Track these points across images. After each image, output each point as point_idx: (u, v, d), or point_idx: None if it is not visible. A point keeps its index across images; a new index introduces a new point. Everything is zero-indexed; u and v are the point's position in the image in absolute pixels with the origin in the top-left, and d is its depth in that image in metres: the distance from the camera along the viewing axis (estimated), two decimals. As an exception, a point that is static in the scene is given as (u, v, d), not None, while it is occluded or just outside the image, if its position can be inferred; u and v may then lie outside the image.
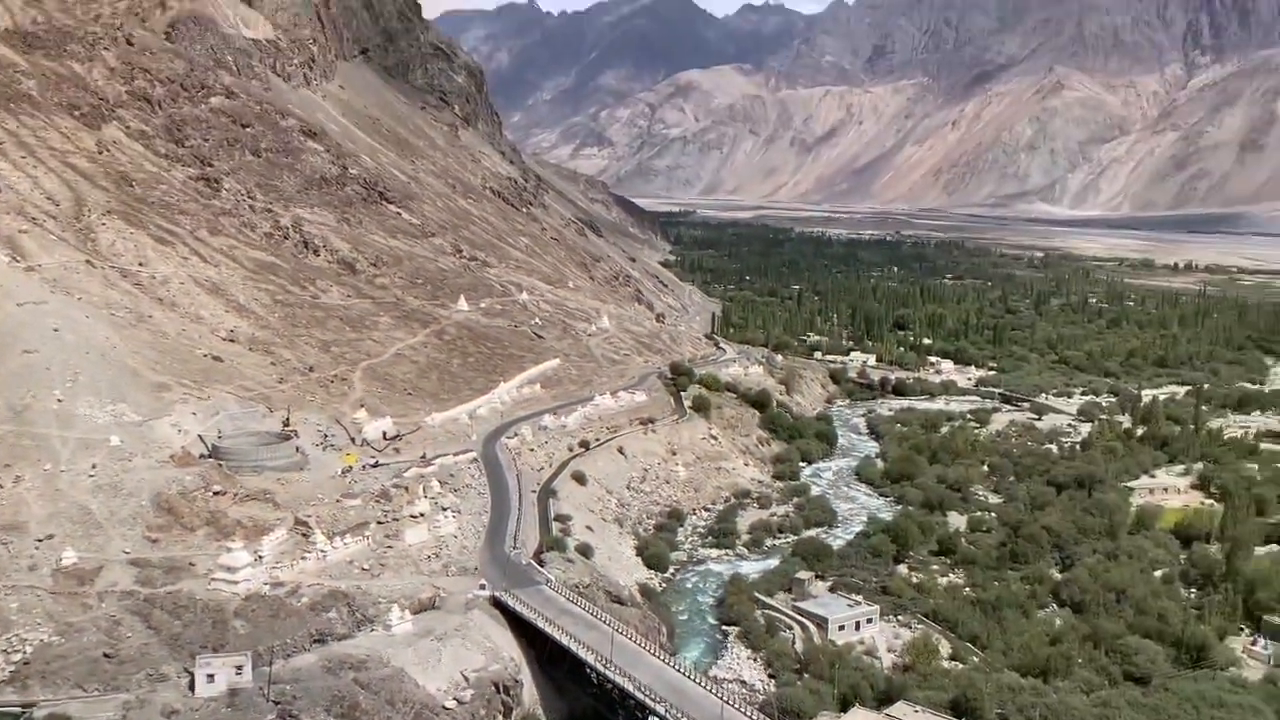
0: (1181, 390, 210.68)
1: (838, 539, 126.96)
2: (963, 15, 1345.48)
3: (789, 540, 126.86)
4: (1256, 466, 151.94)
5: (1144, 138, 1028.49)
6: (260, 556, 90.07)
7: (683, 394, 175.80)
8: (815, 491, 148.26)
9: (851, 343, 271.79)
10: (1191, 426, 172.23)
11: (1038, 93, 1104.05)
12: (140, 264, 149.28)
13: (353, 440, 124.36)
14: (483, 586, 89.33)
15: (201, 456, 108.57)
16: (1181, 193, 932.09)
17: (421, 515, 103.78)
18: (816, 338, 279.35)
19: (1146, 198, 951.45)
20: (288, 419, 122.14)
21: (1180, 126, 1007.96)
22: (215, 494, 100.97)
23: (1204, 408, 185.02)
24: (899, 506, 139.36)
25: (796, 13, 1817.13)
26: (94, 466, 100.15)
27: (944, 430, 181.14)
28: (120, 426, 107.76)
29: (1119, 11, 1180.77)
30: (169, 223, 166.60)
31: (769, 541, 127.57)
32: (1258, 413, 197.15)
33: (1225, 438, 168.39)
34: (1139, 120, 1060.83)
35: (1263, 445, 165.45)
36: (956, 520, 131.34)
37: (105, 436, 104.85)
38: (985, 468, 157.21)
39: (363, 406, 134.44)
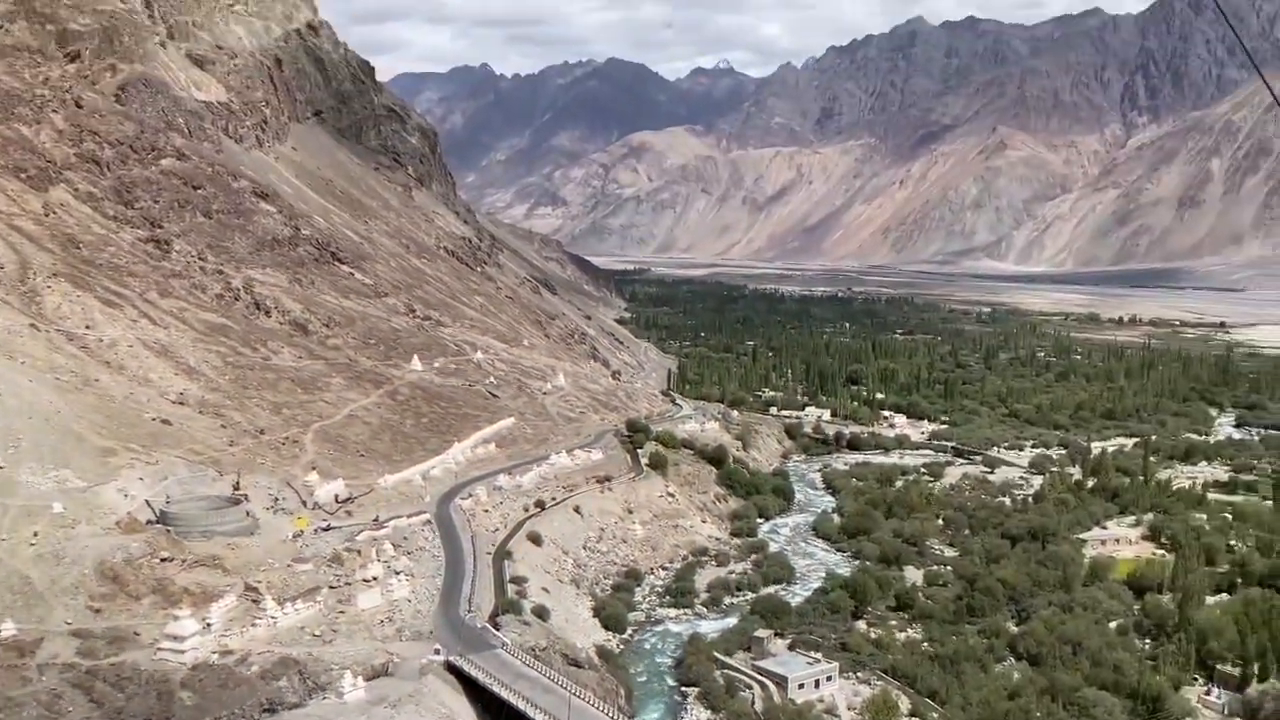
0: (1130, 442, 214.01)
1: (796, 596, 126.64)
2: (907, 78, 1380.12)
3: (747, 598, 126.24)
4: (1205, 516, 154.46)
5: (1086, 195, 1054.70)
6: (209, 624, 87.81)
7: (639, 451, 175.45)
8: (773, 548, 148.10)
9: (806, 398, 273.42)
10: (1141, 478, 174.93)
11: (982, 152, 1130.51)
12: (87, 327, 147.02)
13: (304, 503, 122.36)
14: (437, 651, 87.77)
15: (148, 522, 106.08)
16: (1123, 248, 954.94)
17: (374, 579, 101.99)
18: (772, 393, 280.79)
19: (1090, 253, 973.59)
20: (238, 483, 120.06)
21: (1120, 184, 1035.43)
22: (162, 561, 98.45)
23: (1152, 459, 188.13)
24: (856, 561, 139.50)
25: (746, 76, 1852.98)
26: (35, 534, 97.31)
27: (899, 484, 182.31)
28: (64, 493, 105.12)
29: (1058, 74, 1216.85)
30: (117, 285, 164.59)
31: (727, 600, 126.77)
32: (1204, 463, 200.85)
33: (1174, 488, 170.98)
34: (1080, 178, 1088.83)
35: (1210, 495, 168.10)
36: (913, 574, 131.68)
37: (48, 503, 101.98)
38: (940, 521, 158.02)
39: (314, 469, 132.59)
